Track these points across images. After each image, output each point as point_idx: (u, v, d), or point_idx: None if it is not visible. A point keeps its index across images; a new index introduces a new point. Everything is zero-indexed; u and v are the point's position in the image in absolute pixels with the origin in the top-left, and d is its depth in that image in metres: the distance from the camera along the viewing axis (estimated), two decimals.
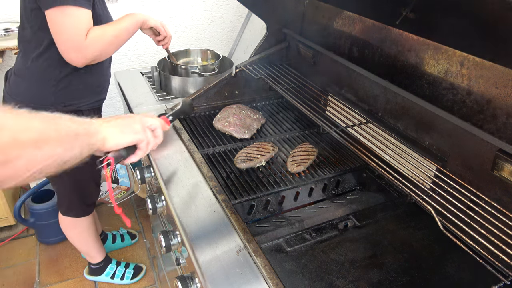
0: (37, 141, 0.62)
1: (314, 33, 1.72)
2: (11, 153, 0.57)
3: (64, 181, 1.74)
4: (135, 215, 2.83)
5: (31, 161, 0.61)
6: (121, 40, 1.47)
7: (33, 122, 0.63)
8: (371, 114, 1.40)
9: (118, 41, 1.46)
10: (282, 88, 1.56)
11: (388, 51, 1.32)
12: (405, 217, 1.23)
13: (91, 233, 2.04)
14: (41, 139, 0.63)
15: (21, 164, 0.59)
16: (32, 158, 0.61)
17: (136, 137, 0.93)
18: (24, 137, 0.59)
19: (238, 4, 1.93)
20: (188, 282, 0.94)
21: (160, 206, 1.22)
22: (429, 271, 1.03)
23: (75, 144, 0.71)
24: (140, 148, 0.97)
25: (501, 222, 0.90)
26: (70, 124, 0.71)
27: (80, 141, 0.73)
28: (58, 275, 2.34)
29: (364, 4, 1.29)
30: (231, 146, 1.55)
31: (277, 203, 1.32)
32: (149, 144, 0.99)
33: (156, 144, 1.06)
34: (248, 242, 0.97)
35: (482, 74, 1.01)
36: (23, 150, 0.59)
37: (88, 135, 0.77)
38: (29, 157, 0.60)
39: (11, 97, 1.53)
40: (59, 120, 0.69)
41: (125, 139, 0.89)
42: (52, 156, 0.65)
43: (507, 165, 0.93)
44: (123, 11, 2.61)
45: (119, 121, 0.90)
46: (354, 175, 1.46)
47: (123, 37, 1.48)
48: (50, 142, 0.64)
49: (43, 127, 0.64)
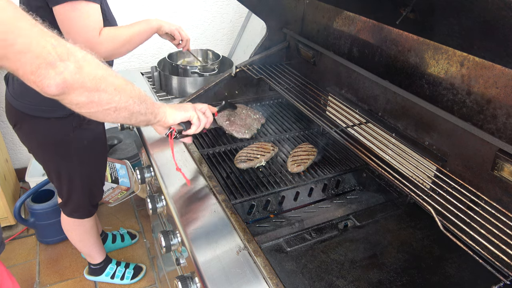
0: (117, 87, 0.86)
1: (314, 33, 1.72)
2: (100, 84, 0.81)
3: (74, 182, 1.74)
4: (135, 215, 2.83)
5: (111, 97, 0.84)
6: (133, 43, 1.47)
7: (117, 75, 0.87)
8: (371, 114, 1.40)
9: (130, 44, 1.46)
10: (282, 88, 1.56)
11: (388, 51, 1.32)
12: (405, 217, 1.23)
13: (93, 234, 2.04)
14: (120, 87, 0.86)
15: (104, 97, 0.83)
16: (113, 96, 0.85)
17: (188, 114, 1.15)
18: (110, 79, 0.84)
19: (238, 4, 1.93)
20: (188, 282, 0.94)
21: (160, 206, 1.22)
22: (429, 271, 1.03)
23: (142, 105, 0.95)
24: (194, 123, 1.18)
25: (501, 222, 0.90)
26: (142, 93, 0.96)
27: (146, 106, 0.97)
28: (58, 275, 2.34)
29: (364, 4, 1.29)
30: (231, 146, 1.55)
31: (277, 203, 1.32)
32: (200, 120, 1.19)
33: (209, 122, 1.25)
34: (248, 242, 0.97)
35: (482, 74, 1.01)
36: (108, 87, 0.83)
37: (153, 106, 1.01)
38: (111, 94, 0.84)
39: (17, 100, 1.51)
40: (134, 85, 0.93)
41: (179, 115, 1.13)
42: (126, 102, 0.89)
43: (507, 165, 0.93)
44: (123, 11, 2.61)
45: (174, 104, 1.17)
46: (354, 175, 1.46)
47: (135, 40, 1.48)
48: (126, 93, 0.88)
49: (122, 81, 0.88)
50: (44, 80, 0.74)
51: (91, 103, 0.82)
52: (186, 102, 1.42)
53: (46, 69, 0.73)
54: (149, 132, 1.48)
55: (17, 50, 0.70)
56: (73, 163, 1.68)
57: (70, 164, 1.68)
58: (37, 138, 1.61)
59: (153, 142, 1.43)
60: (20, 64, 0.71)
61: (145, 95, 0.97)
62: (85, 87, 0.79)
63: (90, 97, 0.81)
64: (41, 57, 0.72)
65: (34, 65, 0.72)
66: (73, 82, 0.77)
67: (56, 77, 0.74)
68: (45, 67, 0.73)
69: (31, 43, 0.70)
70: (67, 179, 1.72)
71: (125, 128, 1.72)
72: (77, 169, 1.70)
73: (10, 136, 2.84)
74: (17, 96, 1.51)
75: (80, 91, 0.79)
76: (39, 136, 1.59)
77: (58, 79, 0.74)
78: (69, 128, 1.58)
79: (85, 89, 0.79)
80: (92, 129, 1.66)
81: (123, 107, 0.89)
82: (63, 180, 1.73)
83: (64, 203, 1.85)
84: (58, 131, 1.57)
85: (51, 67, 0.73)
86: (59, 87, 0.76)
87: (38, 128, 1.57)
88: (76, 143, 1.63)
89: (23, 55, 0.71)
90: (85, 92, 0.80)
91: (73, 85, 0.77)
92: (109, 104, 0.85)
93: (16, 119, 1.57)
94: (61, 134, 1.58)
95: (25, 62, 0.71)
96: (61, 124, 1.56)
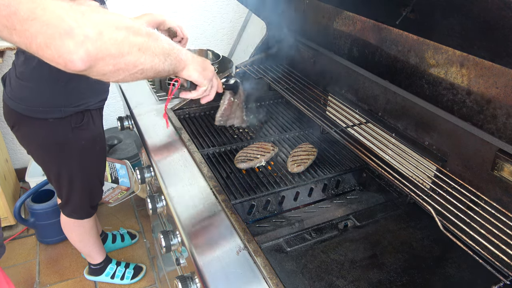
0: (141, 46, 0.78)
1: (314, 33, 1.72)
2: (124, 48, 0.73)
3: (73, 183, 1.73)
4: (135, 215, 2.83)
5: (137, 59, 0.78)
6: None
7: (135, 28, 0.78)
8: (371, 114, 1.40)
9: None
10: (282, 88, 1.56)
11: (388, 51, 1.32)
12: (405, 217, 1.23)
13: (93, 235, 2.04)
14: (143, 46, 0.79)
15: (129, 60, 0.76)
16: (138, 58, 0.78)
17: (204, 82, 1.10)
18: (132, 39, 0.75)
19: (238, 4, 1.93)
20: (188, 282, 0.94)
21: (160, 206, 1.22)
22: (429, 271, 1.03)
23: (166, 62, 0.89)
24: (197, 90, 1.13)
25: (501, 222, 0.90)
26: (166, 45, 0.88)
27: (170, 60, 0.91)
28: (58, 275, 2.34)
29: (364, 4, 1.29)
30: (231, 146, 1.55)
31: (277, 203, 1.32)
32: (205, 92, 1.15)
33: (210, 98, 1.19)
34: (248, 242, 0.97)
35: (482, 74, 1.01)
36: (132, 48, 0.76)
37: (177, 59, 0.95)
38: (135, 55, 0.77)
39: (15, 101, 1.51)
40: (159, 40, 0.85)
41: (197, 77, 1.06)
42: (152, 62, 0.82)
43: (507, 165, 0.93)
44: (123, 10, 2.61)
45: (201, 61, 1.07)
46: (354, 175, 1.46)
47: None
48: (150, 51, 0.81)
49: (144, 37, 0.80)
50: (64, 54, 0.64)
51: (118, 70, 0.75)
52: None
53: (61, 40, 0.63)
54: (149, 132, 1.48)
55: (22, 18, 0.60)
56: (72, 164, 1.68)
57: (69, 165, 1.68)
58: (36, 139, 1.60)
59: (153, 142, 1.43)
60: (30, 36, 0.61)
61: (168, 47, 0.90)
62: (110, 54, 0.71)
63: (116, 65, 0.73)
64: (52, 24, 0.61)
65: (46, 36, 0.62)
66: (97, 52, 0.68)
67: (78, 50, 0.64)
68: (60, 37, 0.62)
69: (36, 8, 0.60)
70: (66, 180, 1.72)
71: (125, 128, 1.72)
72: (76, 170, 1.70)
73: (10, 136, 2.84)
74: (14, 97, 1.51)
75: (106, 60, 0.71)
76: (38, 137, 1.59)
77: (81, 51, 0.65)
78: (67, 129, 1.58)
79: (111, 56, 0.71)
80: (91, 129, 1.66)
81: (149, 68, 0.83)
82: (62, 181, 1.72)
83: (63, 204, 1.85)
84: (56, 132, 1.57)
85: (67, 36, 0.63)
86: (85, 61, 0.66)
87: (36, 130, 1.56)
88: (75, 144, 1.63)
89: (31, 24, 0.60)
90: (110, 60, 0.71)
91: (97, 55, 0.68)
92: (136, 68, 0.79)
93: (14, 120, 1.57)
94: (59, 135, 1.58)
95: (35, 33, 0.61)
96: (60, 125, 1.56)
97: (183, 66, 1.00)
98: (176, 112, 1.67)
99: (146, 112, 1.64)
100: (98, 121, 1.71)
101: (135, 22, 0.79)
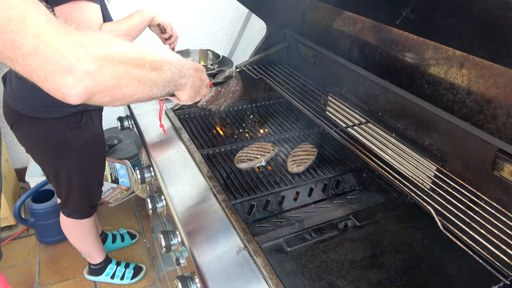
0: (141, 78, 0.79)
1: (314, 33, 1.72)
2: (123, 81, 0.74)
3: (72, 182, 1.74)
4: (135, 215, 2.83)
5: (135, 90, 0.79)
6: (132, 36, 1.48)
7: (144, 64, 0.79)
8: (371, 114, 1.40)
9: (129, 36, 1.46)
10: (282, 88, 1.56)
11: (388, 51, 1.32)
12: (405, 217, 1.23)
13: (93, 235, 2.04)
14: (144, 77, 0.80)
15: (127, 91, 0.77)
16: (136, 88, 0.79)
17: (195, 99, 1.10)
18: (133, 72, 0.76)
19: (238, 4, 1.93)
20: (188, 282, 0.94)
21: (160, 206, 1.22)
22: (429, 271, 1.03)
23: (165, 89, 0.90)
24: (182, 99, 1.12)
25: (501, 222, 0.90)
26: (169, 75, 0.89)
27: (169, 88, 0.92)
28: (58, 275, 2.34)
29: (364, 4, 1.29)
30: (231, 146, 1.55)
31: (277, 203, 1.32)
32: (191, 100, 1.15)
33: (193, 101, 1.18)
34: (248, 242, 0.97)
35: (482, 74, 1.01)
36: (131, 81, 0.76)
37: (176, 85, 0.96)
38: (134, 86, 0.78)
39: (15, 101, 1.51)
40: (163, 70, 0.86)
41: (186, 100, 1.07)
42: (149, 91, 0.83)
43: (507, 165, 0.93)
44: (123, 10, 2.61)
45: (197, 85, 1.07)
46: (354, 175, 1.45)
47: (134, 33, 1.49)
48: (150, 81, 0.82)
49: (146, 70, 0.80)
50: (62, 89, 0.65)
51: (115, 100, 0.76)
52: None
53: (61, 76, 0.64)
54: (149, 132, 1.48)
55: (25, 53, 0.61)
56: (71, 163, 1.68)
57: (68, 164, 1.68)
58: (35, 138, 1.61)
59: (153, 142, 1.43)
60: (31, 69, 0.62)
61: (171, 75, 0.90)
62: (108, 87, 0.72)
63: (113, 95, 0.75)
64: (53, 61, 0.62)
65: (47, 71, 0.63)
66: (94, 86, 0.68)
67: (77, 85, 0.65)
68: (60, 73, 0.63)
69: (39, 45, 0.61)
70: (65, 180, 1.72)
71: (125, 128, 1.72)
72: (75, 170, 1.70)
73: (10, 136, 2.84)
74: (14, 97, 1.51)
75: (104, 92, 0.72)
76: (37, 137, 1.60)
77: (79, 87, 0.65)
78: (66, 129, 1.58)
79: (108, 89, 0.72)
80: (89, 129, 1.66)
81: (146, 97, 0.84)
82: (61, 180, 1.73)
83: (62, 204, 1.85)
84: (55, 131, 1.58)
85: (68, 73, 0.64)
86: (82, 96, 0.67)
87: (35, 129, 1.57)
88: (73, 144, 1.63)
89: (33, 59, 0.61)
90: (108, 92, 0.73)
91: (95, 89, 0.69)
92: (133, 97, 0.80)
93: (14, 119, 1.57)
94: (58, 134, 1.59)
95: (36, 68, 0.62)
96: (59, 125, 1.56)
97: (179, 89, 1.02)
98: (176, 112, 1.67)
99: (146, 112, 1.64)
100: (97, 121, 1.71)
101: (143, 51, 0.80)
